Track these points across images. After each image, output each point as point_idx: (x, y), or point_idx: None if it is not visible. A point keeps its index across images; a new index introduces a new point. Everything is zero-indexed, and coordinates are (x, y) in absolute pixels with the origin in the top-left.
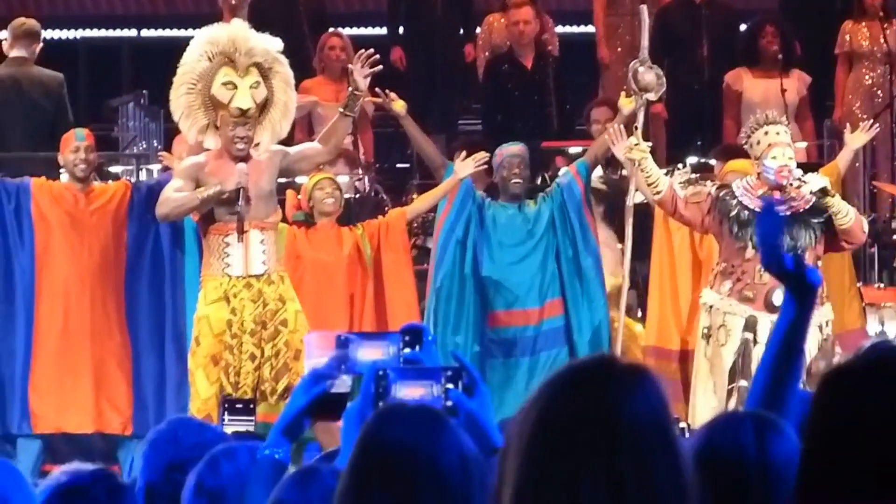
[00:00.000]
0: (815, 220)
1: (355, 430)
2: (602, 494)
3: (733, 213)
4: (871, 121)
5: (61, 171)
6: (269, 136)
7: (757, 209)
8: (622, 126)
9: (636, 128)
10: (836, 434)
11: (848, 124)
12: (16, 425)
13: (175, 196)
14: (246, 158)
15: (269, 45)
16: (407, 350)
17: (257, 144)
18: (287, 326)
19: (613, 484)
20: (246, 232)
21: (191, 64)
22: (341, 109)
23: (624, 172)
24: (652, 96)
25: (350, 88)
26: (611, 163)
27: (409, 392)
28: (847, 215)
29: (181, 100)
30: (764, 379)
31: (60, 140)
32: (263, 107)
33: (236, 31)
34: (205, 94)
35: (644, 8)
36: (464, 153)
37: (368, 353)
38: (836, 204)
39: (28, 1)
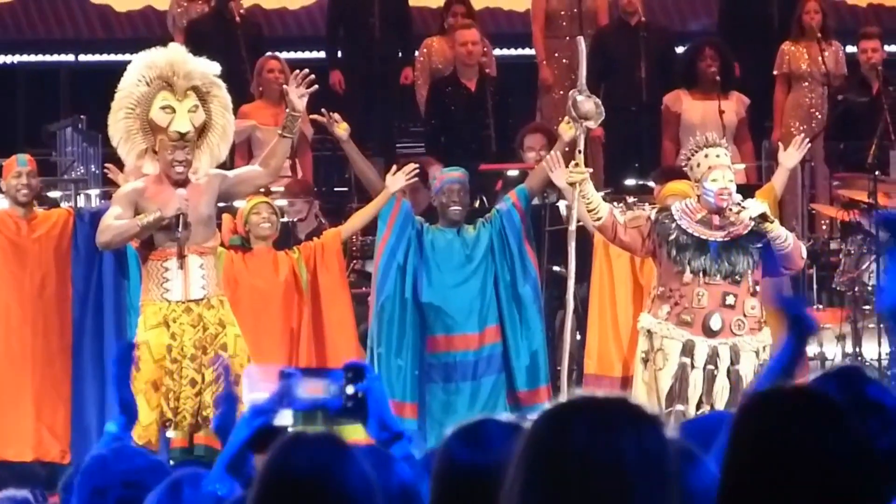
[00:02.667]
0: (754, 246)
1: None
2: None
3: (672, 236)
4: (803, 136)
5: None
6: (207, 159)
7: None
8: (560, 153)
9: (579, 152)
10: (758, 457)
11: (781, 145)
12: None
13: (115, 224)
14: (185, 183)
15: (207, 69)
16: (350, 388)
17: (196, 169)
18: (227, 351)
19: None
20: (185, 257)
21: (129, 88)
22: (280, 131)
23: (549, 200)
24: (592, 124)
25: (287, 110)
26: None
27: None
28: (786, 240)
29: (120, 124)
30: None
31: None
32: (202, 131)
33: (174, 55)
34: (143, 118)
35: (581, 39)
36: (394, 167)
37: (310, 390)
38: (776, 229)
39: None
